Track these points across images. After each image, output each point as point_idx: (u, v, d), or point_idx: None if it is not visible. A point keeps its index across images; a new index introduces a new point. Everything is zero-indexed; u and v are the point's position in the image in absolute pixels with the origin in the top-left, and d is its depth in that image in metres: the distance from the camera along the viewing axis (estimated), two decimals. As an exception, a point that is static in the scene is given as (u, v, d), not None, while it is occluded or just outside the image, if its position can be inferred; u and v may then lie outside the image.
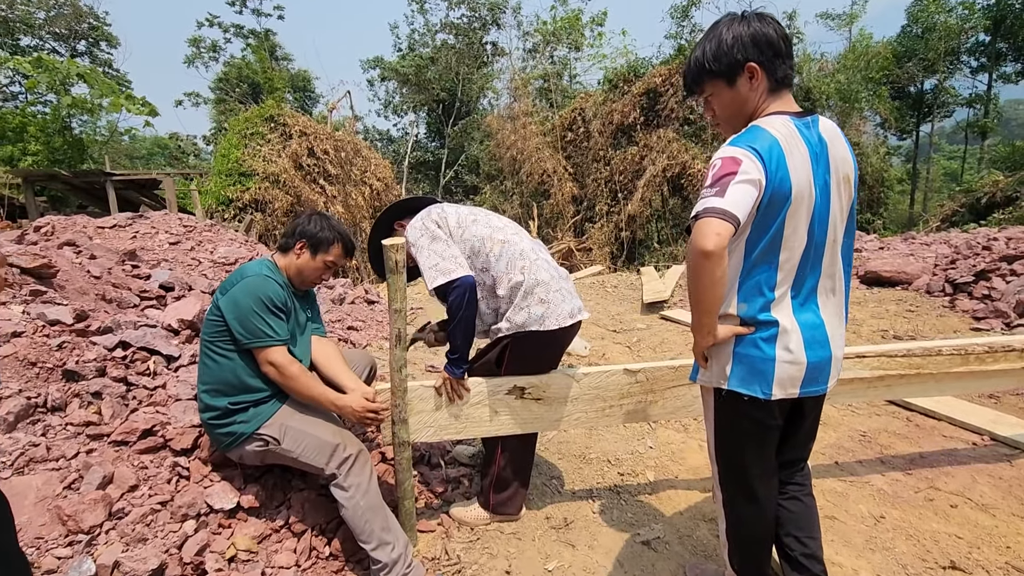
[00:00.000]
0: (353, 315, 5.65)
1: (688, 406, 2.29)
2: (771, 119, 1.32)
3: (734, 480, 1.57)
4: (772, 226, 1.30)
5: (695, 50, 1.41)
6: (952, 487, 2.42)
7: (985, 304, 4.74)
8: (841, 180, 1.37)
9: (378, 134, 26.98)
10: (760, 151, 1.25)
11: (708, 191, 1.26)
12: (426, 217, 2.10)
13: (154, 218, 6.11)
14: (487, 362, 2.18)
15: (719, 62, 1.35)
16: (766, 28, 1.32)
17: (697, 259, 1.24)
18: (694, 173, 15.05)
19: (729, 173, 1.24)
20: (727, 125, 1.45)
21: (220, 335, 1.91)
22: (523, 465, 2.32)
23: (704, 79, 1.41)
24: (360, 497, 1.91)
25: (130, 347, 2.46)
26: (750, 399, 1.41)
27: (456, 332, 2.03)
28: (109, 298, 3.27)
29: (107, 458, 1.96)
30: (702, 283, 1.27)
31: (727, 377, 1.43)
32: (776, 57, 1.32)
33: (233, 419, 1.91)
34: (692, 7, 17.34)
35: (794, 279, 1.37)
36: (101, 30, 22.86)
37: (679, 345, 4.72)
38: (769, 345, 1.37)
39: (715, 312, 1.35)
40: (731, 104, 1.39)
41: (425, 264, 1.99)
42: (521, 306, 2.02)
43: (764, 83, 1.34)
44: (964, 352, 2.30)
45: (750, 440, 1.50)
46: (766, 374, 1.38)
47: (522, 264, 2.04)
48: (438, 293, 2.01)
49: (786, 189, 1.27)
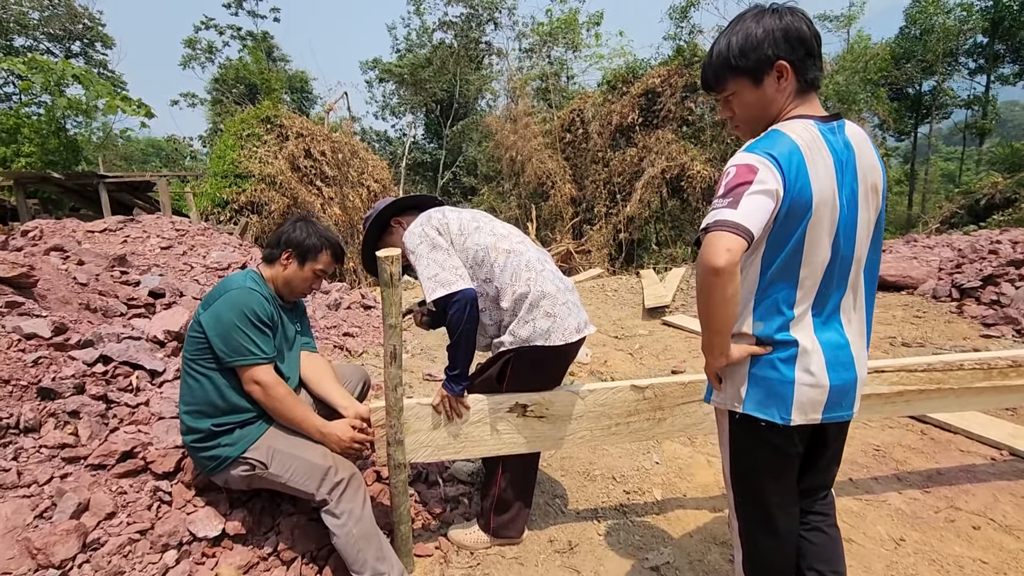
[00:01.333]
0: (349, 321, 5.54)
1: (698, 423, 2.18)
2: (793, 123, 1.21)
3: (751, 509, 1.46)
4: (791, 240, 1.19)
5: (718, 43, 1.28)
6: (973, 506, 2.31)
7: (994, 310, 4.65)
8: (869, 189, 1.26)
9: (375, 135, 26.86)
10: (779, 158, 1.14)
11: (720, 202, 1.15)
12: (426, 223, 1.97)
13: (146, 222, 5.99)
14: (488, 378, 2.06)
15: (746, 58, 1.22)
16: (799, 23, 1.20)
17: (707, 276, 1.13)
18: (693, 175, 14.98)
19: (744, 182, 1.13)
20: (746, 127, 1.33)
21: (202, 353, 1.80)
22: (525, 485, 2.21)
23: (728, 76, 1.28)
24: (353, 525, 1.79)
25: (111, 361, 2.35)
26: (767, 424, 1.30)
27: (455, 348, 1.92)
28: (94, 307, 3.15)
29: (83, 483, 1.85)
30: (712, 302, 1.17)
31: (742, 400, 1.32)
32: (808, 56, 1.21)
33: (217, 442, 1.80)
34: (691, 8, 17.24)
35: (816, 296, 1.26)
36: (96, 31, 22.71)
37: (682, 352, 4.61)
38: (788, 366, 1.26)
39: (727, 332, 1.24)
40: (754, 105, 1.27)
41: (424, 274, 1.87)
42: (526, 319, 1.91)
43: (793, 84, 1.23)
44: (987, 366, 2.20)
45: (768, 467, 1.39)
46: (785, 397, 1.27)
47: (528, 275, 1.93)
48: (437, 306, 1.89)
49: (806, 200, 1.16)
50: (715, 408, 1.47)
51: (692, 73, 15.73)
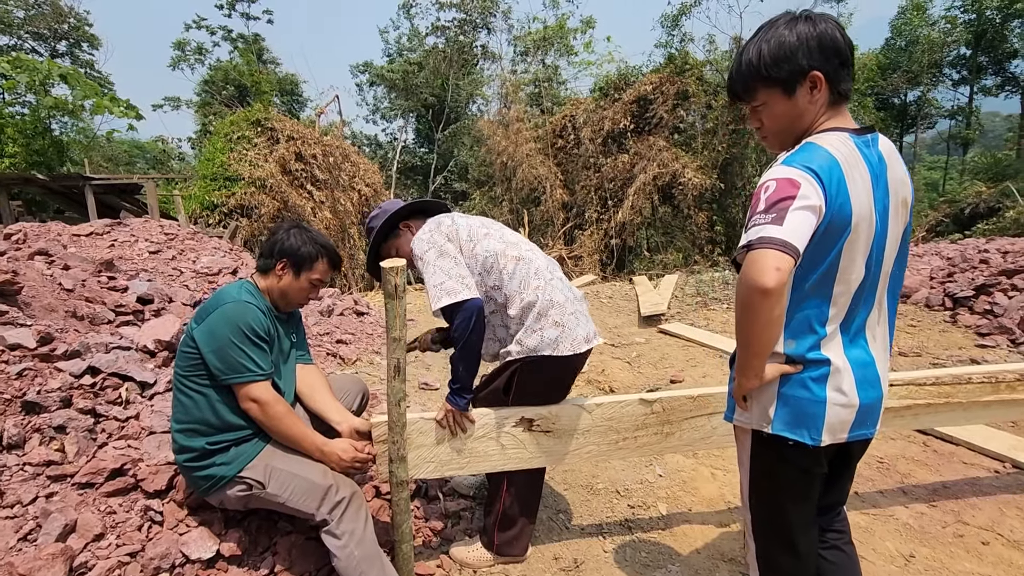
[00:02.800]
0: (342, 327, 5.45)
1: (706, 438, 2.14)
2: (828, 136, 1.16)
3: (772, 532, 1.41)
4: (828, 257, 1.15)
5: (747, 50, 1.22)
6: (980, 521, 2.29)
7: (988, 320, 4.67)
8: (899, 204, 1.23)
9: (366, 139, 26.72)
10: (819, 173, 1.09)
11: (762, 217, 1.09)
12: (435, 230, 1.92)
13: (134, 225, 5.87)
14: (495, 389, 2.01)
15: (779, 68, 1.17)
16: (834, 31, 1.15)
17: (752, 296, 1.08)
18: (684, 182, 15.06)
19: (787, 197, 1.08)
20: (775, 139, 1.29)
21: (195, 369, 1.72)
22: (530, 501, 2.15)
23: (758, 86, 1.22)
24: (354, 546, 1.72)
25: (100, 373, 2.26)
26: (796, 445, 1.25)
27: (460, 359, 1.86)
28: (81, 315, 3.05)
29: (70, 503, 1.76)
30: (757, 323, 1.11)
31: (770, 420, 1.27)
32: (842, 66, 1.17)
33: (212, 461, 1.72)
34: (682, 16, 17.39)
35: (846, 313, 1.23)
36: (83, 30, 22.39)
37: (680, 361, 4.58)
38: (819, 386, 1.22)
39: (767, 354, 1.19)
40: (785, 116, 1.22)
41: (430, 282, 1.82)
42: (534, 328, 1.87)
43: (826, 95, 1.18)
44: (995, 380, 2.18)
45: (792, 489, 1.35)
46: (816, 418, 1.23)
47: (536, 283, 1.89)
48: (443, 314, 1.83)
49: (846, 216, 1.12)
50: (735, 427, 1.43)
51: (684, 81, 15.84)
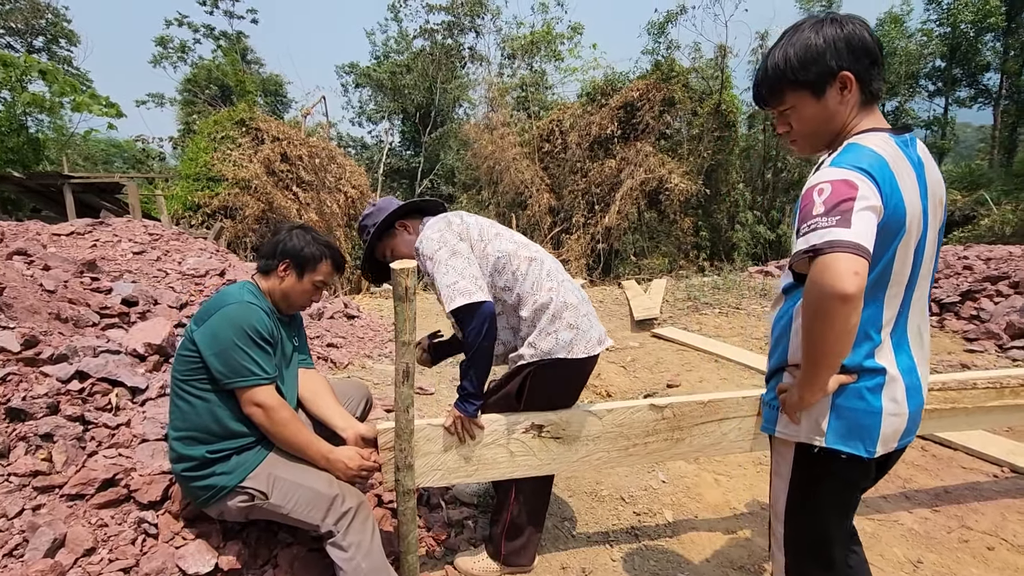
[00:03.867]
0: (333, 331, 5.35)
1: (716, 444, 2.11)
2: (869, 136, 1.14)
3: (809, 545, 1.37)
4: (883, 259, 1.12)
5: (772, 55, 1.20)
6: (984, 526, 2.30)
7: (975, 325, 4.75)
8: (937, 204, 1.21)
9: (351, 141, 26.50)
10: (873, 173, 1.06)
11: (825, 219, 1.04)
12: (446, 228, 1.86)
13: (116, 225, 5.70)
14: (506, 394, 1.95)
15: (807, 70, 1.15)
16: (862, 31, 1.13)
17: (830, 303, 1.02)
18: (671, 188, 15.20)
19: (847, 199, 1.04)
20: (806, 143, 1.26)
21: (195, 373, 1.65)
22: (538, 509, 2.11)
23: (786, 90, 1.20)
24: (361, 558, 1.66)
25: (88, 378, 2.16)
26: (850, 458, 1.21)
27: (471, 365, 1.80)
28: (64, 317, 2.93)
29: (58, 516, 1.67)
30: (833, 332, 1.05)
31: (823, 432, 1.22)
32: (872, 66, 1.15)
33: (212, 470, 1.64)
34: (669, 24, 17.57)
35: (896, 318, 1.20)
36: (60, 26, 21.86)
37: (675, 365, 4.58)
38: (875, 396, 1.18)
39: (838, 367, 1.14)
40: (815, 119, 1.20)
41: (442, 282, 1.76)
42: (548, 331, 1.83)
43: (856, 96, 1.16)
44: (1000, 385, 2.19)
45: (838, 502, 1.31)
46: (872, 429, 1.19)
47: (549, 284, 1.87)
48: (455, 315, 1.78)
49: (900, 216, 1.09)
50: (775, 439, 1.39)
51: (670, 88, 16.00)
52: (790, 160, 17.76)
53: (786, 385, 1.29)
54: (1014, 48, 21.78)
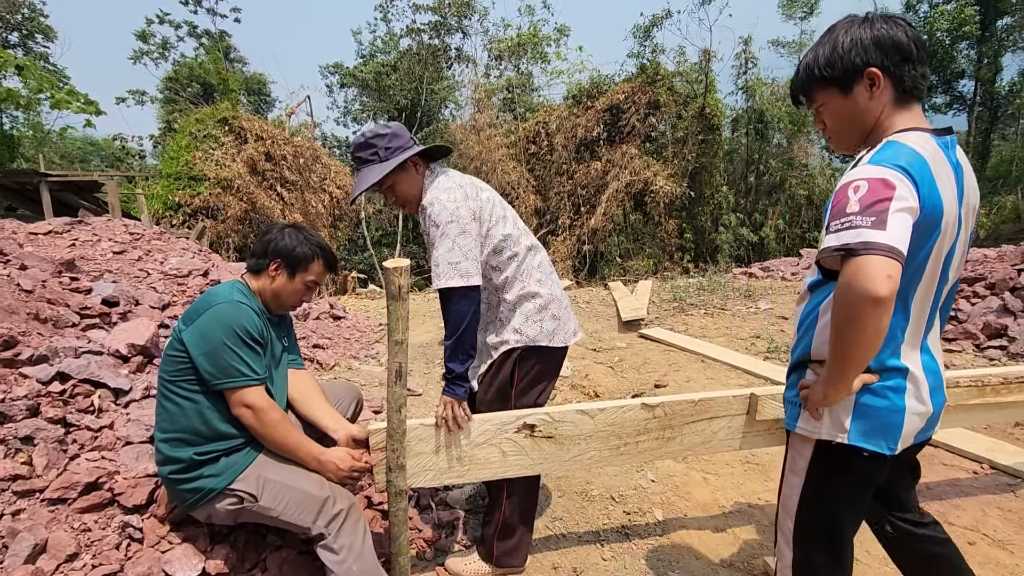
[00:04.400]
0: (319, 332, 5.30)
1: (707, 442, 2.12)
2: (909, 135, 1.14)
3: (820, 541, 1.38)
4: (916, 259, 1.12)
5: (806, 55, 1.24)
6: (965, 521, 2.35)
7: (953, 325, 4.86)
8: (969, 211, 1.22)
9: (336, 141, 26.26)
10: (911, 172, 1.06)
11: (859, 219, 1.04)
12: (462, 200, 1.81)
13: (96, 224, 5.58)
14: (502, 381, 1.99)
15: (832, 68, 1.18)
16: (893, 30, 1.14)
17: (863, 306, 1.02)
18: (656, 190, 15.33)
19: (884, 199, 1.03)
20: (840, 140, 1.27)
21: (183, 374, 1.62)
22: (529, 508, 2.11)
23: (814, 87, 1.24)
24: (353, 560, 1.64)
25: (70, 379, 2.11)
26: (872, 455, 1.22)
27: (458, 346, 1.81)
28: (43, 317, 2.86)
29: (39, 521, 1.62)
30: (864, 335, 1.05)
31: (846, 430, 1.23)
32: (904, 62, 1.14)
33: (200, 472, 1.61)
34: (654, 28, 17.73)
35: (922, 318, 1.21)
36: (37, 21, 21.36)
37: (663, 365, 4.61)
38: (899, 395, 1.19)
39: (864, 367, 1.14)
40: (845, 116, 1.22)
41: (445, 257, 1.76)
42: (535, 319, 1.94)
43: (888, 92, 1.16)
44: (981, 383, 2.24)
45: (854, 498, 1.33)
46: (894, 427, 1.20)
47: (539, 276, 1.97)
48: (447, 293, 1.79)
49: (937, 217, 1.09)
50: (793, 435, 1.39)
51: (655, 91, 16.14)
52: (772, 163, 18.04)
53: (809, 382, 1.29)
54: (987, 56, 22.40)
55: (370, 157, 1.86)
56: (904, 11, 23.72)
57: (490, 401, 1.99)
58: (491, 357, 2.02)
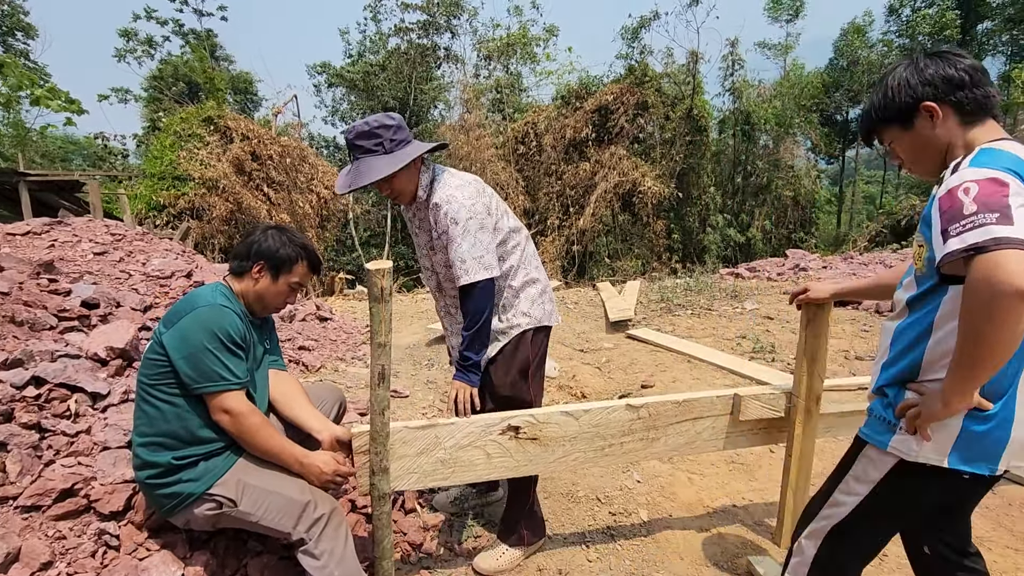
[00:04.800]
0: (304, 333, 5.25)
1: (691, 443, 2.14)
2: (1002, 143, 1.14)
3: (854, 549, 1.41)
4: None
5: (866, 104, 1.36)
6: (944, 519, 2.38)
7: (934, 325, 4.93)
8: None
9: (324, 141, 26.07)
10: (1017, 171, 1.05)
11: (983, 216, 1.01)
12: (476, 198, 1.90)
13: (76, 224, 5.48)
14: (522, 359, 2.07)
15: (887, 110, 1.28)
16: (938, 66, 1.21)
17: (1006, 301, 0.97)
18: (644, 191, 15.41)
19: (1001, 195, 1.01)
20: (919, 167, 1.32)
21: (163, 377, 1.59)
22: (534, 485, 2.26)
23: (878, 128, 1.34)
24: (334, 566, 1.62)
25: (45, 383, 2.06)
26: (972, 477, 1.19)
27: (477, 336, 1.92)
28: (20, 320, 2.80)
29: (12, 528, 1.59)
30: (1006, 332, 0.99)
31: (945, 452, 1.19)
32: (957, 89, 1.19)
33: (178, 477, 1.59)
34: (642, 29, 17.82)
35: None
36: (16, 18, 21.00)
37: (649, 366, 4.63)
38: (1007, 424, 1.17)
39: (995, 372, 1.09)
40: (915, 146, 1.29)
41: (469, 253, 1.84)
42: (538, 302, 2.09)
43: (952, 117, 1.21)
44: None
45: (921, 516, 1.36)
46: (997, 451, 1.17)
47: (536, 263, 2.13)
48: (464, 287, 1.88)
49: None
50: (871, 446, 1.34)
51: (643, 92, 16.23)
52: (759, 165, 18.21)
53: (913, 400, 1.23)
54: (968, 60, 22.73)
55: (374, 147, 1.80)
56: (887, 15, 24.07)
57: (512, 381, 2.06)
58: (499, 341, 2.07)
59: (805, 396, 2.09)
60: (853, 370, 4.22)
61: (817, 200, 20.36)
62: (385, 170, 1.78)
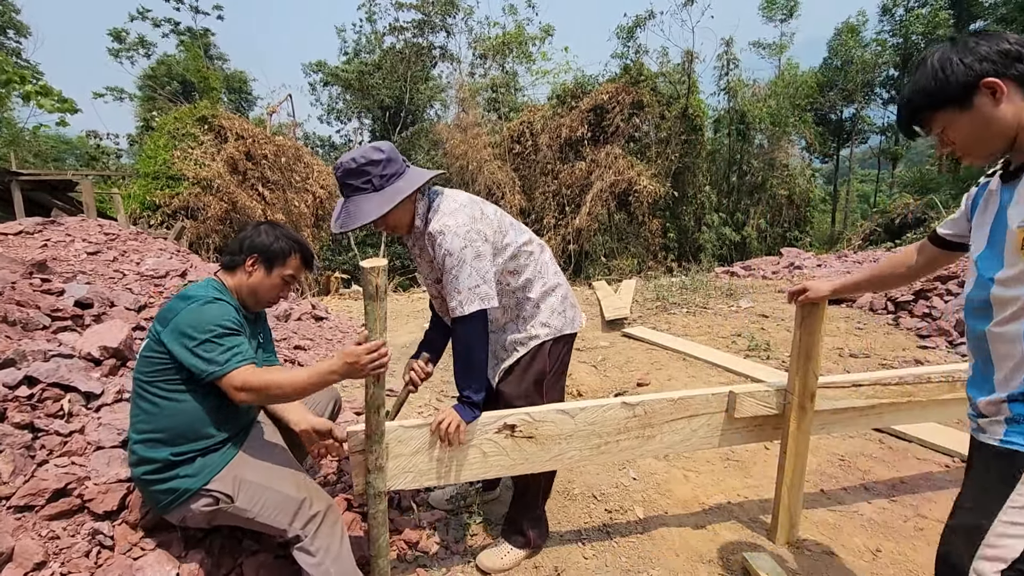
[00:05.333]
0: (300, 333, 5.24)
1: (686, 440, 2.14)
2: None
3: None
4: None
5: (903, 93, 1.22)
6: (937, 514, 2.40)
7: (927, 323, 4.96)
8: None
9: (319, 140, 25.99)
10: None
11: None
12: (471, 227, 1.79)
13: (69, 224, 5.45)
14: (538, 371, 2.02)
15: (942, 93, 1.15)
16: (991, 43, 1.12)
17: None
18: (639, 190, 15.43)
19: None
20: (978, 152, 1.20)
21: (162, 373, 1.58)
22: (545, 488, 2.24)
23: (929, 114, 1.20)
24: (330, 563, 1.62)
25: (38, 383, 2.05)
26: None
27: (473, 368, 1.83)
28: (12, 320, 2.78)
29: (5, 528, 1.58)
30: None
31: None
32: (1017, 62, 1.11)
33: (175, 473, 1.58)
34: (637, 28, 17.84)
35: None
36: (8, 16, 20.84)
37: (645, 364, 4.64)
38: None
39: None
40: (976, 128, 1.16)
41: (465, 284, 1.75)
42: (558, 310, 2.04)
43: (1019, 94, 1.12)
44: (952, 379, 2.29)
45: None
46: None
47: (554, 269, 2.09)
48: (457, 319, 1.79)
49: None
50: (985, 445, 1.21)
51: (639, 91, 16.25)
52: (754, 164, 18.27)
53: None
54: (961, 59, 22.85)
55: (363, 185, 1.72)
56: (881, 15, 24.18)
57: (525, 393, 2.01)
58: (518, 352, 2.04)
59: (800, 393, 2.10)
60: (847, 367, 4.24)
61: (812, 199, 20.43)
62: (375, 212, 1.70)
